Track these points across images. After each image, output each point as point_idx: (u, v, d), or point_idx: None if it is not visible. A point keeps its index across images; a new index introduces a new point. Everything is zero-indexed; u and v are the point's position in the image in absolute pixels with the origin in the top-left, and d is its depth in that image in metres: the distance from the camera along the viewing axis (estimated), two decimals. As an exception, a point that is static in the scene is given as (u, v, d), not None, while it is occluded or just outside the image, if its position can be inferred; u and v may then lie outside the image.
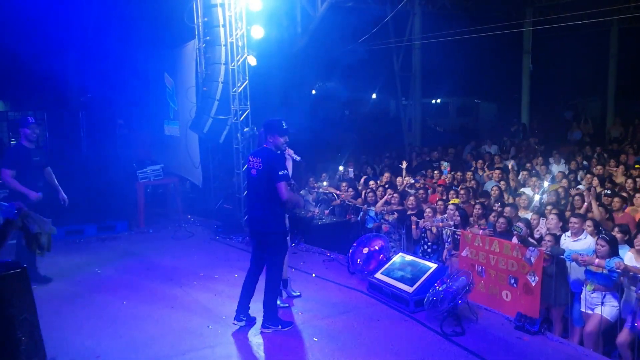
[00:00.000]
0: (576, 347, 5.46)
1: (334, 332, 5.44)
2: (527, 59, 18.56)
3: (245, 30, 9.28)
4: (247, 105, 9.57)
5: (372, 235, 7.45)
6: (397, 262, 6.73)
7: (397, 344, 5.20)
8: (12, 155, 6.82)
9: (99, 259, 7.98)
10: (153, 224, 10.09)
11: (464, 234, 6.83)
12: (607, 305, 5.60)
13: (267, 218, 5.26)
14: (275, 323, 5.43)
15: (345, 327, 5.56)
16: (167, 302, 6.24)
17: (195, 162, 10.08)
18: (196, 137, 9.88)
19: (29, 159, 6.75)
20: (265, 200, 5.23)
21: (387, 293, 6.30)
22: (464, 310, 5.75)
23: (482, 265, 6.48)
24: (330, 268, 7.53)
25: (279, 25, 13.36)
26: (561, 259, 5.91)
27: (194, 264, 7.70)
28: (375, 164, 13.88)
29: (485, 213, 7.71)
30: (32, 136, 6.82)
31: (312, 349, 5.12)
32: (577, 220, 6.35)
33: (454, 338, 5.31)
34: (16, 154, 6.81)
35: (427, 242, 7.68)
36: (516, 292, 6.07)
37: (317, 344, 5.20)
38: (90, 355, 4.94)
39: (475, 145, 15.53)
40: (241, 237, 9.07)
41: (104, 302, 6.26)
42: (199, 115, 9.43)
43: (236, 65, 9.31)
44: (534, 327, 5.49)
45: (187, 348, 5.12)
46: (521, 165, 12.08)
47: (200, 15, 9.70)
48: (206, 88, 9.40)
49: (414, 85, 17.55)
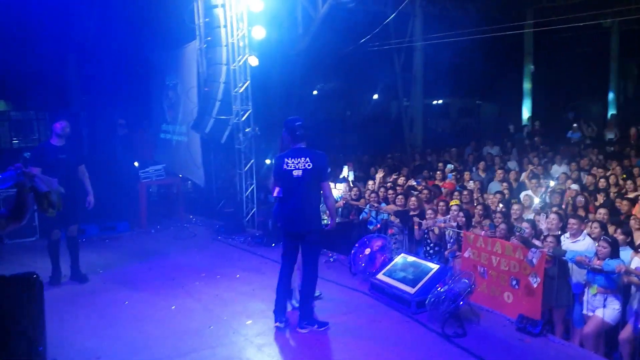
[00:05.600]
0: (578, 349, 5.45)
1: (335, 332, 5.43)
2: (529, 60, 18.55)
3: (246, 31, 9.30)
4: (249, 105, 9.58)
5: (374, 236, 7.44)
6: (399, 263, 6.72)
7: (398, 345, 5.19)
8: (37, 153, 6.83)
9: (101, 259, 7.99)
10: (155, 224, 10.09)
11: (467, 234, 6.82)
12: (608, 308, 5.59)
13: (311, 217, 5.30)
14: (312, 322, 5.42)
15: (346, 327, 5.55)
16: (168, 302, 6.24)
17: (197, 162, 10.08)
18: (198, 137, 9.89)
19: (56, 156, 6.69)
20: (311, 200, 5.28)
21: (389, 294, 6.29)
22: (466, 312, 5.73)
23: (484, 267, 6.47)
24: (332, 269, 7.53)
25: (280, 26, 13.35)
26: (563, 261, 5.90)
27: (195, 264, 7.69)
28: (377, 164, 13.86)
29: (488, 214, 7.70)
30: (60, 130, 6.77)
31: (314, 349, 5.11)
32: (575, 222, 6.34)
33: (456, 339, 5.30)
34: (41, 151, 6.82)
35: (430, 243, 7.67)
36: (518, 294, 6.06)
37: (319, 344, 5.19)
38: (91, 355, 4.94)
39: (476, 146, 15.51)
40: (243, 238, 9.07)
41: (105, 303, 6.26)
42: (201, 116, 9.45)
43: (237, 65, 9.32)
44: (535, 329, 5.47)
45: (189, 349, 5.11)
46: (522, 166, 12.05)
47: (201, 16, 9.71)
48: (208, 88, 9.42)
49: (415, 86, 17.53)
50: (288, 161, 5.23)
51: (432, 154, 14.83)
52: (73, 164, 6.93)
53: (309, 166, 5.18)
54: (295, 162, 5.21)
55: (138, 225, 9.87)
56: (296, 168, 5.19)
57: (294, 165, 5.20)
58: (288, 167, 5.22)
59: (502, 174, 10.45)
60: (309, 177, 5.18)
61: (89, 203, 7.11)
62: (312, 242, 5.36)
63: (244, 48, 9.36)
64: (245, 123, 9.55)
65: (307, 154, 5.23)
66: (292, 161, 5.22)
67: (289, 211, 5.30)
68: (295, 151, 5.29)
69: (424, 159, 14.45)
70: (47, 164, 6.57)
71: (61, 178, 6.43)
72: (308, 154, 5.24)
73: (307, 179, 5.19)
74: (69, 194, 6.23)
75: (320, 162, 5.23)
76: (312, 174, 5.19)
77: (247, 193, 9.87)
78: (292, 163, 5.21)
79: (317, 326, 5.43)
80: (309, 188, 5.24)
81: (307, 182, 5.20)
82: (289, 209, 5.30)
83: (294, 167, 5.20)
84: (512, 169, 11.36)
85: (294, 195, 5.26)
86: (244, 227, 9.65)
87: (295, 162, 5.21)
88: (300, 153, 5.25)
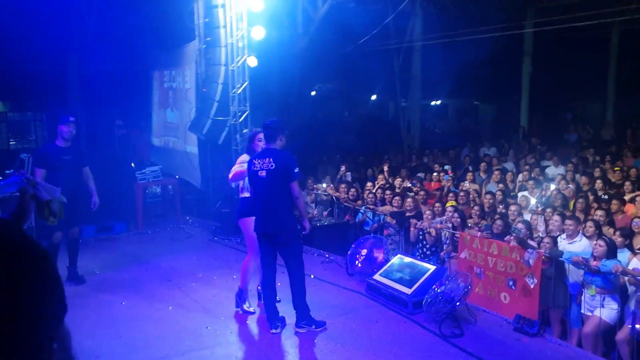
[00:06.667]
0: (575, 349, 5.46)
1: (332, 333, 5.44)
2: (527, 61, 18.57)
3: (246, 31, 9.28)
4: (247, 106, 9.58)
5: (371, 237, 7.45)
6: (396, 263, 6.73)
7: (395, 345, 5.20)
8: (41, 154, 6.81)
9: (98, 259, 7.98)
10: (151, 225, 10.08)
11: (463, 236, 6.83)
12: (606, 308, 5.61)
13: (282, 217, 5.28)
14: (310, 322, 5.43)
15: (343, 328, 5.56)
16: (165, 302, 6.25)
17: (194, 163, 10.07)
18: (195, 139, 9.89)
19: (60, 158, 6.67)
20: (279, 200, 5.27)
21: (386, 295, 6.30)
22: (463, 312, 5.75)
23: (480, 267, 6.49)
24: (329, 269, 7.53)
25: (280, 26, 13.36)
26: (560, 261, 5.92)
27: (192, 265, 7.69)
28: (375, 165, 13.88)
29: (484, 215, 7.72)
30: (67, 134, 6.75)
31: (311, 350, 5.11)
32: (572, 223, 6.36)
33: (453, 340, 5.31)
34: (45, 152, 6.81)
35: (426, 244, 7.69)
36: (515, 294, 6.08)
37: (316, 345, 5.20)
38: (89, 355, 4.94)
39: (472, 147, 15.53)
40: (240, 239, 9.05)
41: (103, 303, 6.26)
42: (199, 117, 9.45)
43: (236, 66, 9.32)
44: (532, 329, 5.49)
45: (186, 348, 5.12)
46: (519, 167, 12.09)
47: (201, 16, 9.70)
48: (206, 89, 9.41)
49: (414, 86, 17.54)
50: (255, 162, 5.33)
51: (428, 154, 14.84)
52: (78, 165, 6.92)
53: (272, 166, 5.22)
54: (261, 163, 5.28)
55: (135, 226, 9.86)
56: (261, 169, 5.26)
57: (260, 165, 5.28)
58: (255, 167, 5.31)
59: (498, 174, 10.47)
60: (273, 177, 5.21)
61: (94, 204, 7.10)
62: (286, 243, 5.33)
63: (243, 49, 9.35)
64: (243, 124, 9.55)
65: (271, 155, 5.28)
66: (258, 162, 5.31)
67: (258, 212, 5.36)
68: (263, 152, 5.40)
69: (420, 160, 14.47)
70: (51, 165, 6.58)
71: (65, 179, 6.49)
72: (272, 154, 5.28)
73: (272, 179, 5.22)
74: (72, 197, 6.27)
75: (283, 162, 5.23)
76: (277, 175, 5.21)
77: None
78: (259, 164, 5.29)
79: (315, 326, 5.44)
80: (275, 188, 5.25)
81: (271, 182, 5.23)
82: (257, 210, 5.36)
83: (260, 167, 5.27)
84: (509, 170, 11.39)
85: (261, 195, 5.33)
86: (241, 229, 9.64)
87: (261, 163, 5.28)
88: (267, 154, 5.32)
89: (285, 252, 5.40)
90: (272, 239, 5.36)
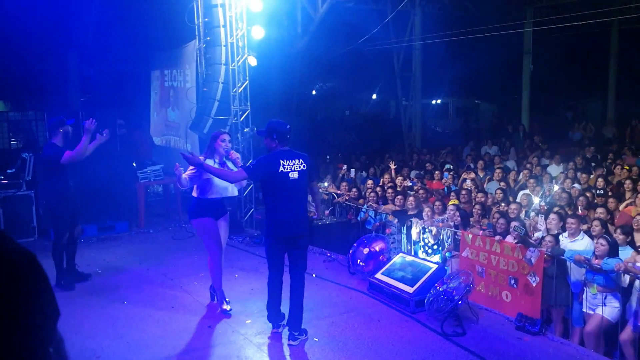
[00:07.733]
0: (577, 347, 5.46)
1: (334, 332, 5.44)
2: (528, 60, 18.55)
3: (245, 31, 9.28)
4: (247, 105, 9.58)
5: (373, 236, 7.45)
6: (398, 262, 6.73)
7: (397, 344, 5.20)
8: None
9: (99, 259, 7.97)
10: (153, 225, 10.07)
11: (465, 234, 6.83)
12: (608, 306, 5.60)
13: (305, 220, 5.23)
14: (302, 332, 5.27)
15: (345, 327, 5.56)
16: (167, 302, 6.24)
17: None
18: (196, 138, 9.88)
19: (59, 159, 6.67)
20: (304, 202, 5.24)
21: (388, 293, 6.30)
22: (465, 311, 5.75)
23: (482, 266, 6.48)
24: (331, 268, 7.53)
25: (280, 26, 13.37)
26: (562, 260, 5.91)
27: (194, 265, 7.69)
28: (376, 164, 13.88)
29: (485, 213, 7.71)
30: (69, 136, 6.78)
31: (313, 349, 5.11)
32: (574, 221, 6.35)
33: (455, 338, 5.31)
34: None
35: (427, 243, 7.68)
36: (516, 293, 6.07)
37: (318, 344, 5.20)
38: (90, 355, 4.93)
39: (474, 146, 15.53)
40: (241, 238, 9.06)
41: (104, 302, 6.26)
42: (199, 116, 9.44)
43: (236, 65, 9.31)
44: (534, 328, 5.49)
45: (188, 348, 5.11)
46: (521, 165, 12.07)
47: (200, 16, 9.69)
48: (206, 89, 9.40)
49: (414, 85, 17.55)
50: (284, 163, 4.98)
51: (429, 153, 14.84)
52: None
53: (303, 167, 5.08)
54: (291, 164, 5.01)
55: (136, 226, 9.85)
56: (292, 170, 5.01)
57: (290, 167, 5.01)
58: (284, 169, 4.98)
59: (500, 173, 10.46)
60: (305, 178, 5.11)
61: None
62: (304, 246, 5.24)
63: (243, 48, 9.36)
64: (244, 123, 9.55)
65: (299, 156, 5.11)
66: (289, 163, 5.01)
67: (286, 214, 5.05)
68: (286, 153, 5.07)
69: (421, 158, 14.47)
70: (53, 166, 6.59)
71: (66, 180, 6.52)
72: (298, 155, 5.12)
73: (303, 179, 5.09)
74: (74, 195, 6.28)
75: (309, 162, 5.19)
76: (306, 175, 5.14)
77: (245, 193, 9.87)
78: (290, 165, 5.01)
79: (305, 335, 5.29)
80: (305, 189, 5.19)
81: (303, 183, 5.12)
82: (285, 213, 5.05)
83: (290, 169, 5.00)
84: (510, 169, 11.37)
85: (293, 197, 5.07)
86: (242, 227, 9.65)
87: (291, 164, 5.01)
88: (292, 155, 5.07)
89: (298, 255, 5.21)
90: (292, 242, 5.14)
